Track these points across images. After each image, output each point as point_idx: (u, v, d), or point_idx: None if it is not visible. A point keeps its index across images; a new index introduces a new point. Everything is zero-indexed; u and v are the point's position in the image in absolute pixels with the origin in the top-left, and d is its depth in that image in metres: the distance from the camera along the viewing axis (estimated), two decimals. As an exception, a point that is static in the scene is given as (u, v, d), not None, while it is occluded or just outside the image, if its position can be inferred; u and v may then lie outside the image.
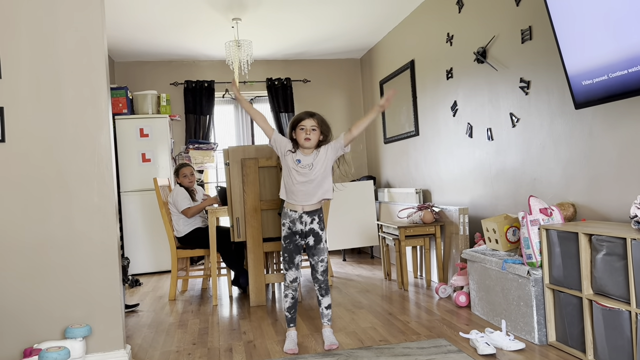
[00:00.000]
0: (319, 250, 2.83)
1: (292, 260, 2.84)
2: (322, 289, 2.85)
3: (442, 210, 4.20)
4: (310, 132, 2.73)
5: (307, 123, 2.74)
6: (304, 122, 2.74)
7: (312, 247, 2.83)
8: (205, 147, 5.90)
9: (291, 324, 2.86)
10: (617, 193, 2.66)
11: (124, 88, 5.55)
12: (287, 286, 2.87)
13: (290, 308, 2.86)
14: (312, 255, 2.84)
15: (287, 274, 2.86)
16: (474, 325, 3.03)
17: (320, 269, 2.83)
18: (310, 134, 2.73)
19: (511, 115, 3.49)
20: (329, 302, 2.86)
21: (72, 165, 2.59)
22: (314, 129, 2.75)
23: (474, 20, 3.91)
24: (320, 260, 2.83)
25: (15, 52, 2.53)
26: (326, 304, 2.86)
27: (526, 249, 2.72)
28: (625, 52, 2.32)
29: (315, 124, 2.75)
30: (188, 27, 5.07)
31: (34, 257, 2.55)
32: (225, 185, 3.94)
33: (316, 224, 2.82)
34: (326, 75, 6.70)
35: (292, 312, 2.86)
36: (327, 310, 2.86)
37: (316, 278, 2.85)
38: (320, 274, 2.84)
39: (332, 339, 2.79)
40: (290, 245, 2.83)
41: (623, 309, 2.18)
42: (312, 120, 2.75)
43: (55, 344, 2.42)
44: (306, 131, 2.73)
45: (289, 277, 2.85)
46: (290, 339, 2.81)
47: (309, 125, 2.74)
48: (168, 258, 5.49)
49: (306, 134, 2.73)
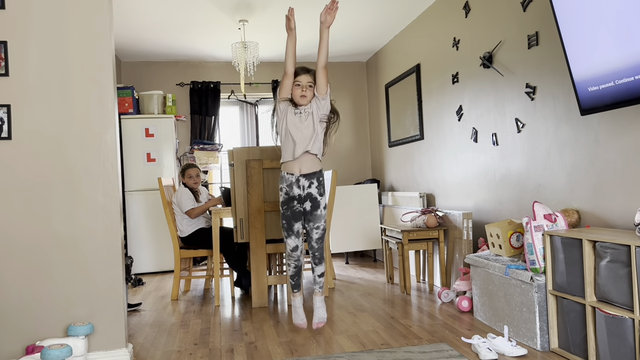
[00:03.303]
0: (315, 216, 2.74)
1: (291, 227, 2.76)
2: (316, 258, 2.79)
3: (446, 215, 4.19)
4: (307, 88, 2.67)
5: (303, 79, 2.67)
6: (299, 77, 2.67)
7: (308, 212, 2.74)
8: (210, 148, 5.92)
9: (295, 289, 2.84)
10: (622, 200, 2.65)
11: (130, 88, 5.58)
12: (288, 255, 2.80)
13: (293, 276, 2.82)
14: (308, 221, 2.75)
15: (286, 241, 2.78)
16: (476, 331, 3.02)
17: (315, 236, 2.75)
18: (306, 90, 2.67)
19: (516, 121, 3.48)
20: (322, 270, 2.83)
21: (78, 164, 2.61)
22: (310, 85, 2.68)
23: (480, 25, 3.91)
24: (315, 227, 2.75)
25: (23, 51, 2.55)
26: (319, 272, 2.82)
27: (530, 255, 2.71)
28: (632, 58, 2.31)
29: (312, 80, 2.68)
30: (195, 28, 5.10)
31: (37, 254, 2.56)
32: (229, 186, 3.94)
33: (314, 188, 2.73)
34: (331, 77, 6.65)
35: (296, 279, 2.83)
36: (320, 278, 2.84)
37: (311, 246, 2.78)
38: (315, 241, 2.76)
39: (321, 312, 2.81)
40: (288, 212, 2.75)
41: (626, 316, 2.17)
42: (308, 77, 2.68)
43: (57, 341, 2.43)
44: (302, 88, 2.67)
45: (289, 246, 2.78)
46: (296, 310, 2.81)
47: (305, 82, 2.67)
48: (171, 258, 5.50)
49: (302, 90, 2.66)
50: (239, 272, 4.30)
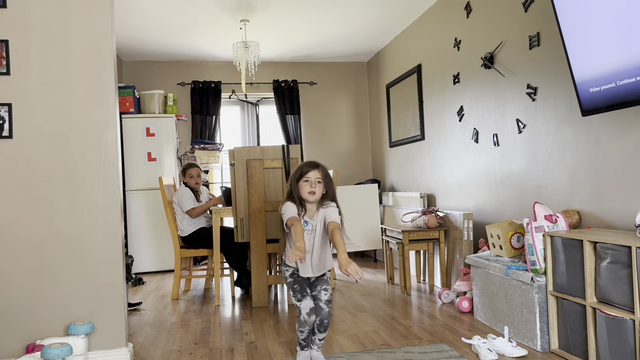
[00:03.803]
0: (323, 280, 2.56)
1: (304, 289, 2.49)
2: (323, 325, 2.47)
3: (447, 215, 4.19)
4: (315, 184, 2.50)
5: (312, 175, 2.50)
6: (308, 174, 2.50)
7: (315, 279, 2.58)
8: (210, 148, 5.92)
9: (305, 348, 2.59)
10: (623, 201, 2.65)
11: (131, 87, 5.58)
12: (302, 322, 2.45)
13: (305, 339, 2.56)
14: (315, 286, 2.54)
15: (300, 305, 2.44)
16: (476, 331, 3.02)
17: (324, 297, 2.47)
18: (315, 187, 2.50)
19: (517, 121, 3.48)
20: (324, 336, 2.55)
21: (79, 163, 2.61)
22: (319, 182, 2.51)
23: (482, 26, 3.91)
24: (324, 289, 2.51)
25: (24, 49, 2.55)
26: (321, 337, 2.54)
27: (530, 256, 2.71)
28: (633, 59, 2.31)
29: (320, 177, 2.52)
30: (196, 27, 5.10)
31: (38, 253, 2.56)
32: (230, 186, 3.94)
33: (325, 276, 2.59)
34: (332, 77, 6.71)
35: (307, 341, 2.58)
36: (321, 341, 2.57)
37: (319, 308, 2.45)
38: (324, 303, 2.46)
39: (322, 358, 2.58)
40: (299, 278, 2.54)
41: (627, 317, 2.16)
42: (317, 173, 2.51)
43: (57, 340, 2.43)
44: (311, 184, 2.49)
45: (304, 309, 2.43)
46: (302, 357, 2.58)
47: (314, 178, 2.50)
48: (171, 257, 5.50)
49: (311, 187, 2.49)
50: (239, 271, 4.31)
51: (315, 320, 2.47)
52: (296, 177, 2.53)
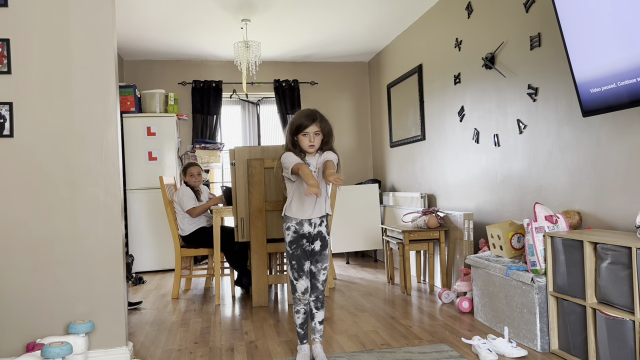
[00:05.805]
0: (324, 256, 2.62)
1: (302, 268, 2.57)
2: (319, 301, 2.61)
3: (447, 216, 4.19)
4: (314, 137, 2.55)
5: (311, 129, 2.54)
6: (307, 129, 2.54)
7: (317, 252, 2.61)
8: (211, 147, 5.92)
9: (304, 340, 2.63)
10: (624, 202, 2.65)
11: (132, 86, 5.58)
12: (297, 300, 2.59)
13: (302, 324, 2.61)
14: (316, 261, 2.61)
15: (297, 284, 2.57)
16: (476, 332, 3.02)
17: (321, 278, 2.61)
18: (314, 140, 2.55)
19: (518, 122, 3.48)
20: (322, 316, 2.63)
21: (79, 162, 2.61)
22: (317, 134, 2.56)
23: (483, 26, 3.91)
24: (323, 268, 2.62)
25: (25, 48, 2.55)
26: (320, 318, 2.62)
27: (530, 256, 2.71)
28: (634, 60, 2.31)
29: (318, 129, 2.56)
30: (197, 27, 5.10)
31: (38, 252, 2.56)
32: (231, 186, 3.94)
33: (324, 227, 2.62)
34: (333, 77, 6.71)
35: (305, 328, 2.62)
36: (320, 325, 2.63)
37: (315, 287, 2.60)
38: (321, 283, 2.61)
39: (323, 357, 2.58)
40: (298, 251, 2.58)
41: (627, 318, 2.16)
42: (314, 126, 2.54)
43: (58, 339, 2.43)
44: (309, 138, 2.55)
45: (299, 288, 2.57)
46: (302, 354, 2.59)
47: (312, 131, 2.55)
48: (172, 256, 5.50)
49: (310, 140, 2.55)
50: (239, 271, 4.31)
51: (311, 297, 2.62)
52: (293, 131, 2.58)
